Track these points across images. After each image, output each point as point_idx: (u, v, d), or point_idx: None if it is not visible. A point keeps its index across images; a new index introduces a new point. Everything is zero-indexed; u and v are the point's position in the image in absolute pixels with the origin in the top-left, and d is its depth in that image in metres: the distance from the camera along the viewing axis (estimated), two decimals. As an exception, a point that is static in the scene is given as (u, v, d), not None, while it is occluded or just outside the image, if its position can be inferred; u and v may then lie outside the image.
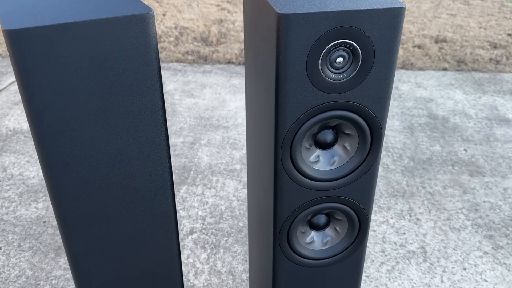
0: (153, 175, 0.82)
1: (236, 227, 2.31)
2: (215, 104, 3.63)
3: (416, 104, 3.64)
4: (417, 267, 2.06)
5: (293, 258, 0.95)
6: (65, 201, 0.76)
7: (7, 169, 2.74)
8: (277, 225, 0.90)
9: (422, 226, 2.32)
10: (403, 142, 3.09)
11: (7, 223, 2.30)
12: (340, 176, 0.86)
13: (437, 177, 2.72)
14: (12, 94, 3.74)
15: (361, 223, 0.93)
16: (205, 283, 1.98)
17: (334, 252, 0.97)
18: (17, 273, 2.01)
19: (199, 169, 2.78)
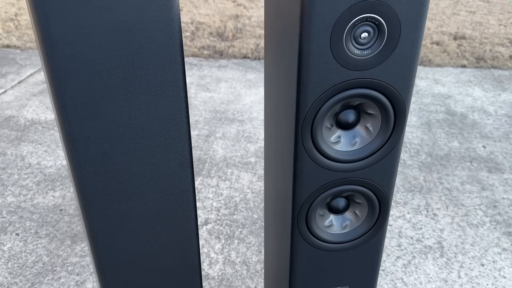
0: (173, 152, 0.82)
1: (250, 219, 2.31)
2: (230, 98, 3.63)
3: (434, 101, 3.59)
4: (434, 262, 2.03)
5: (311, 241, 0.94)
6: (86, 175, 0.76)
7: (25, 158, 2.78)
8: (296, 207, 0.89)
9: (439, 221, 2.29)
10: (421, 138, 3.05)
11: (25, 211, 2.33)
12: (361, 157, 0.85)
13: (455, 173, 2.68)
14: (30, 86, 3.79)
15: (381, 206, 0.92)
16: (219, 273, 1.98)
17: (353, 236, 0.95)
18: (34, 259, 2.03)
19: (214, 161, 2.79)
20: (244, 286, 1.91)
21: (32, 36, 4.93)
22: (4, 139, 2.98)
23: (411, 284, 1.92)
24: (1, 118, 3.24)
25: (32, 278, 1.93)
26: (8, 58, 4.39)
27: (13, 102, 3.50)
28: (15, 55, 4.48)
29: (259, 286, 1.92)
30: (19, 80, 3.89)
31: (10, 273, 1.95)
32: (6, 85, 3.79)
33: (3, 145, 2.91)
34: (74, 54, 0.67)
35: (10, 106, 3.43)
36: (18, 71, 4.09)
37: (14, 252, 2.07)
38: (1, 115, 3.29)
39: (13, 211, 2.33)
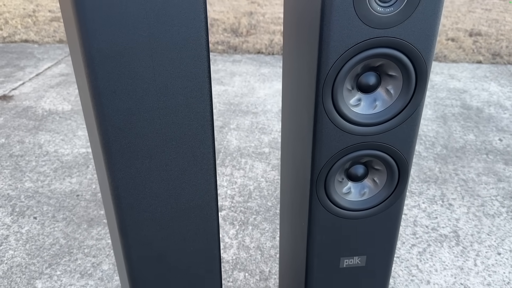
0: (195, 113, 0.83)
1: (264, 206, 2.31)
2: (244, 91, 3.65)
3: (449, 95, 3.56)
4: (450, 250, 2.02)
5: (329, 208, 0.95)
6: (110, 130, 0.77)
7: (42, 146, 2.82)
8: (315, 172, 0.90)
9: (455, 211, 2.27)
10: (436, 131, 3.03)
11: (42, 196, 2.37)
12: (381, 120, 0.85)
13: (470, 165, 2.66)
14: (48, 78, 3.85)
15: (400, 173, 0.92)
16: (234, 257, 1.99)
17: (372, 203, 0.95)
18: (51, 241, 2.06)
19: (228, 151, 2.80)
20: (258, 270, 1.92)
21: (49, 31, 5.01)
22: (22, 128, 3.03)
23: (426, 271, 1.91)
24: (19, 109, 3.30)
25: (49, 259, 1.96)
26: (26, 52, 4.46)
27: (31, 93, 3.56)
28: (33, 49, 4.56)
29: (273, 270, 1.92)
30: (37, 73, 3.95)
31: (28, 254, 1.99)
32: (24, 77, 3.86)
33: (21, 133, 2.96)
34: (102, 5, 0.68)
35: (28, 97, 3.49)
36: (36, 64, 4.16)
37: (32, 235, 2.10)
38: (19, 105, 3.35)
39: (30, 196, 2.37)
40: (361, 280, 1.07)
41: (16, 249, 2.02)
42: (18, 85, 3.70)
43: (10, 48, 4.59)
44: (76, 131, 3.02)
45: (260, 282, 1.86)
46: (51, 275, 1.88)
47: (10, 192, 2.40)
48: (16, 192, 2.39)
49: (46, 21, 5.36)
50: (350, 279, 1.06)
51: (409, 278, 1.87)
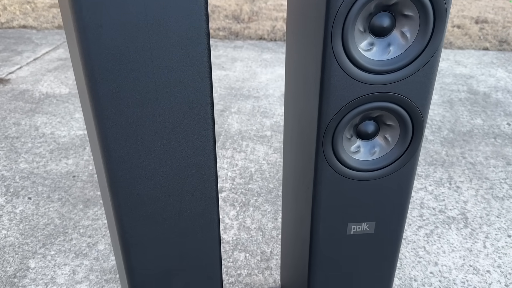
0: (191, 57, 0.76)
1: (266, 188, 2.24)
2: (246, 76, 3.57)
3: (456, 80, 3.48)
4: (458, 232, 1.95)
5: (337, 167, 0.87)
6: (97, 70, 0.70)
7: (39, 128, 2.76)
8: (322, 125, 0.83)
9: (462, 193, 2.20)
10: (442, 115, 2.96)
11: (38, 176, 2.30)
12: (396, 67, 0.77)
13: (478, 148, 2.58)
14: (46, 62, 3.77)
15: (415, 128, 0.84)
16: (234, 238, 1.92)
17: (383, 163, 0.88)
18: (45, 221, 2.00)
19: (229, 134, 2.73)
20: (260, 251, 1.85)
21: (48, 17, 4.93)
22: (18, 111, 2.96)
23: (433, 252, 1.84)
24: (16, 92, 3.23)
25: (44, 239, 1.90)
26: (24, 38, 4.39)
27: (28, 77, 3.49)
28: (31, 35, 4.49)
29: (275, 251, 1.85)
30: (34, 58, 3.88)
31: (22, 234, 1.92)
32: (22, 61, 3.79)
33: (17, 116, 2.90)
34: None
35: (25, 80, 3.42)
36: (34, 49, 4.09)
37: (26, 215, 2.04)
38: (16, 89, 3.28)
39: (25, 176, 2.30)
40: (370, 249, 1.00)
41: (9, 228, 1.95)
42: (15, 69, 3.63)
43: (8, 33, 4.51)
44: (74, 113, 2.95)
45: (261, 262, 1.80)
46: (45, 255, 1.82)
47: (5, 173, 2.33)
48: (11, 173, 2.33)
49: (45, 8, 5.28)
50: (358, 247, 0.99)
51: (416, 259, 1.80)
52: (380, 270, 1.05)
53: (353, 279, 1.07)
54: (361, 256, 1.02)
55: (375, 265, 1.04)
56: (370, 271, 1.05)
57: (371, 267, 1.04)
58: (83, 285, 1.68)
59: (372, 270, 1.05)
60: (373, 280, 1.07)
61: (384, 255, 1.03)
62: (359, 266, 1.04)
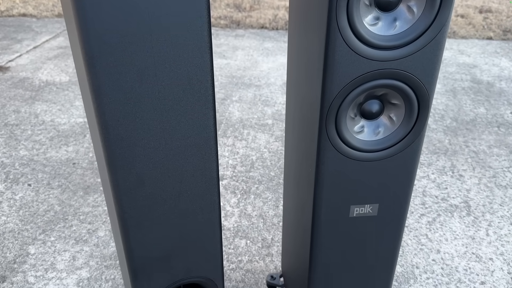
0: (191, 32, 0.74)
1: (267, 176, 2.23)
2: (247, 65, 3.54)
3: (459, 70, 3.45)
4: (460, 220, 1.93)
5: (340, 147, 0.85)
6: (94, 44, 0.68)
7: (38, 115, 2.74)
8: (325, 103, 0.81)
9: (465, 182, 2.18)
10: (445, 104, 2.93)
11: (37, 163, 2.29)
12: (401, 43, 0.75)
13: (481, 137, 2.56)
14: (45, 50, 3.75)
15: (420, 107, 0.82)
16: (235, 225, 1.91)
17: (387, 143, 0.86)
18: (45, 208, 1.99)
19: (230, 122, 2.71)
20: (261, 238, 1.84)
21: (48, 5, 4.89)
22: (18, 98, 2.94)
23: (436, 240, 1.83)
24: (15, 79, 3.21)
25: (43, 226, 1.89)
26: (24, 26, 4.36)
27: (28, 65, 3.46)
28: (31, 23, 4.45)
29: (276, 238, 1.84)
30: (34, 46, 3.85)
31: (21, 220, 1.91)
32: (22, 49, 3.76)
33: (17, 103, 2.88)
34: None
35: (25, 68, 3.40)
36: (34, 37, 4.06)
37: (26, 201, 2.02)
38: (16, 76, 3.26)
39: (25, 163, 2.29)
40: (372, 232, 0.98)
41: (9, 215, 1.94)
42: (15, 57, 3.60)
43: (7, 21, 4.48)
44: (74, 101, 2.93)
45: (262, 249, 1.78)
46: (45, 241, 1.81)
47: (4, 159, 2.32)
48: (11, 160, 2.31)
49: (45, -4, 5.24)
50: (360, 230, 0.98)
51: (418, 247, 1.79)
52: (383, 254, 1.03)
53: (355, 263, 1.05)
54: (364, 239, 1.00)
55: (377, 248, 1.02)
56: (372, 255, 1.04)
57: (373, 250, 1.03)
58: (83, 271, 1.68)
59: (375, 254, 1.03)
60: (376, 264, 1.06)
61: (387, 238, 1.02)
62: (362, 249, 1.02)
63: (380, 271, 1.09)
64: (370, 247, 1.02)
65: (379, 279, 1.10)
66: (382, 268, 1.08)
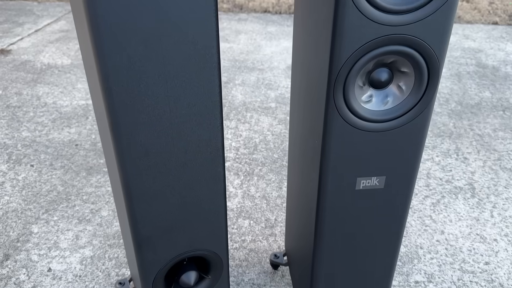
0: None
1: (270, 158, 2.22)
2: (250, 49, 3.51)
3: (464, 54, 3.42)
4: (465, 202, 1.92)
5: (347, 117, 0.84)
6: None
7: (41, 98, 2.73)
8: (334, 70, 0.79)
9: (470, 164, 2.16)
10: (450, 88, 2.90)
11: (40, 145, 2.28)
12: (413, 7, 0.73)
13: (486, 120, 2.54)
14: (47, 34, 3.72)
15: (430, 75, 0.81)
16: (238, 205, 1.90)
17: (396, 113, 0.85)
18: (48, 188, 1.98)
19: (233, 105, 2.69)
20: (264, 218, 1.83)
21: (49, -11, 4.84)
22: (20, 81, 2.92)
23: (440, 221, 1.82)
24: (17, 62, 3.19)
25: (46, 205, 1.88)
26: (25, 10, 4.32)
27: (30, 48, 3.44)
28: (32, 7, 4.42)
29: (280, 218, 1.84)
30: (36, 29, 3.82)
31: (24, 200, 1.91)
32: (23, 33, 3.73)
33: (19, 86, 2.86)
34: None
35: (26, 51, 3.38)
36: (35, 21, 4.03)
37: (29, 182, 2.02)
38: (18, 59, 3.24)
39: (28, 144, 2.28)
40: (378, 205, 0.97)
41: (12, 195, 1.94)
42: (16, 40, 3.58)
43: (8, 5, 4.45)
44: (76, 84, 2.91)
45: (265, 229, 1.78)
46: (48, 220, 1.81)
47: (7, 141, 2.31)
48: (13, 141, 2.31)
49: (46, -20, 5.19)
50: (367, 203, 0.97)
51: (422, 228, 1.78)
52: (388, 228, 1.02)
53: (360, 238, 1.04)
54: (370, 213, 0.99)
55: (383, 222, 1.01)
56: (378, 229, 1.03)
57: (379, 224, 1.02)
58: (86, 249, 1.67)
59: (381, 228, 1.03)
60: (381, 238, 1.05)
61: (394, 212, 1.01)
62: (367, 223, 1.01)
63: (385, 246, 1.08)
64: (376, 221, 1.01)
65: (384, 255, 1.09)
66: (387, 244, 1.07)
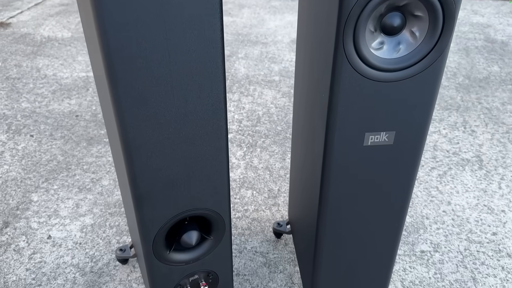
0: None
1: (274, 130, 2.18)
2: (253, 23, 3.44)
3: (472, 29, 3.34)
4: (472, 174, 1.88)
5: (357, 65, 0.80)
6: None
7: (40, 70, 2.68)
8: (343, 12, 0.74)
9: (477, 137, 2.12)
10: (458, 62, 2.84)
11: (40, 115, 2.25)
12: None
13: (495, 94, 2.48)
14: (47, 7, 3.65)
15: (445, 19, 0.76)
16: (241, 176, 1.87)
17: (408, 62, 0.80)
18: (48, 158, 1.95)
19: (235, 78, 2.64)
20: (267, 189, 1.80)
21: (49, -36, 4.75)
22: (20, 53, 2.88)
23: (447, 192, 1.78)
24: (17, 35, 3.14)
25: (46, 174, 1.86)
26: (24, -16, 4.24)
27: (30, 21, 3.38)
28: (32, -19, 4.34)
29: (283, 188, 1.81)
30: (35, 3, 3.76)
31: (24, 169, 1.88)
32: (23, 6, 3.67)
33: (19, 58, 2.82)
34: None
35: (26, 24, 3.32)
36: (35, -5, 3.96)
37: (28, 151, 1.99)
38: (17, 32, 3.18)
39: (27, 115, 2.25)
40: (387, 163, 0.93)
41: (12, 164, 1.91)
42: (16, 14, 3.52)
43: (8, -21, 4.36)
44: (76, 56, 2.86)
45: (268, 199, 1.75)
46: (48, 189, 1.78)
47: (6, 111, 2.27)
48: (12, 112, 2.27)
49: (46, -45, 5.09)
50: (375, 161, 0.93)
51: (428, 199, 1.75)
52: (397, 188, 0.99)
53: (367, 198, 1.01)
54: (377, 171, 0.96)
55: (392, 182, 0.98)
56: (386, 189, 0.99)
57: (387, 184, 0.98)
58: (86, 217, 1.65)
59: (389, 188, 0.99)
60: (388, 200, 1.01)
61: (403, 170, 0.97)
62: (374, 183, 0.98)
63: (392, 210, 1.05)
64: (383, 180, 0.98)
65: (390, 219, 1.06)
66: (394, 207, 1.04)
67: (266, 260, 1.49)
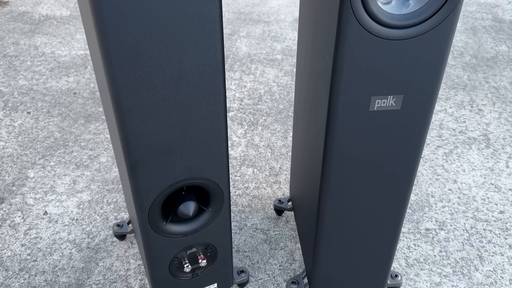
0: None
1: (276, 109, 2.13)
2: (255, 1, 3.37)
3: (480, 9, 3.26)
4: (479, 152, 1.83)
5: (364, 21, 0.74)
6: None
7: (38, 48, 2.63)
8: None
9: (485, 116, 2.07)
10: (465, 42, 2.77)
11: (37, 93, 2.20)
12: None
13: (503, 73, 2.42)
14: (45, -14, 3.58)
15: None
16: (242, 154, 1.83)
17: (418, 18, 0.75)
18: (45, 135, 1.91)
19: (237, 57, 2.58)
20: (268, 167, 1.76)
21: None
22: (17, 31, 2.82)
23: (453, 171, 1.74)
24: (14, 13, 3.08)
25: (43, 151, 1.82)
26: (23, -37, 4.16)
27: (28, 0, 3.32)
28: (31, -40, 4.26)
29: (284, 166, 1.76)
30: (34, -18, 3.68)
31: (20, 146, 1.84)
32: (21, -15, 3.60)
33: (16, 36, 2.76)
34: None
35: (24, 3, 3.25)
36: (33, -27, 3.88)
37: (25, 128, 1.95)
38: (15, 10, 3.12)
39: (24, 92, 2.20)
40: (394, 130, 0.89)
41: (8, 141, 1.87)
42: (13, -8, 3.45)
43: (6, -42, 4.28)
44: (75, 34, 2.81)
45: (269, 177, 1.71)
46: (44, 166, 1.74)
47: (3, 88, 2.23)
48: (9, 89, 2.23)
49: None
50: (381, 127, 0.88)
51: (433, 177, 1.71)
52: (404, 155, 0.94)
53: (372, 167, 0.96)
54: (383, 139, 0.91)
55: (398, 151, 0.93)
56: (391, 159, 0.95)
57: (393, 153, 0.94)
58: (83, 194, 1.62)
59: (395, 157, 0.94)
60: (394, 169, 0.97)
61: (410, 138, 0.92)
62: (380, 151, 0.93)
63: (398, 180, 1.00)
64: (389, 150, 0.93)
65: (395, 192, 1.01)
66: (400, 177, 0.99)
67: (267, 237, 1.45)
